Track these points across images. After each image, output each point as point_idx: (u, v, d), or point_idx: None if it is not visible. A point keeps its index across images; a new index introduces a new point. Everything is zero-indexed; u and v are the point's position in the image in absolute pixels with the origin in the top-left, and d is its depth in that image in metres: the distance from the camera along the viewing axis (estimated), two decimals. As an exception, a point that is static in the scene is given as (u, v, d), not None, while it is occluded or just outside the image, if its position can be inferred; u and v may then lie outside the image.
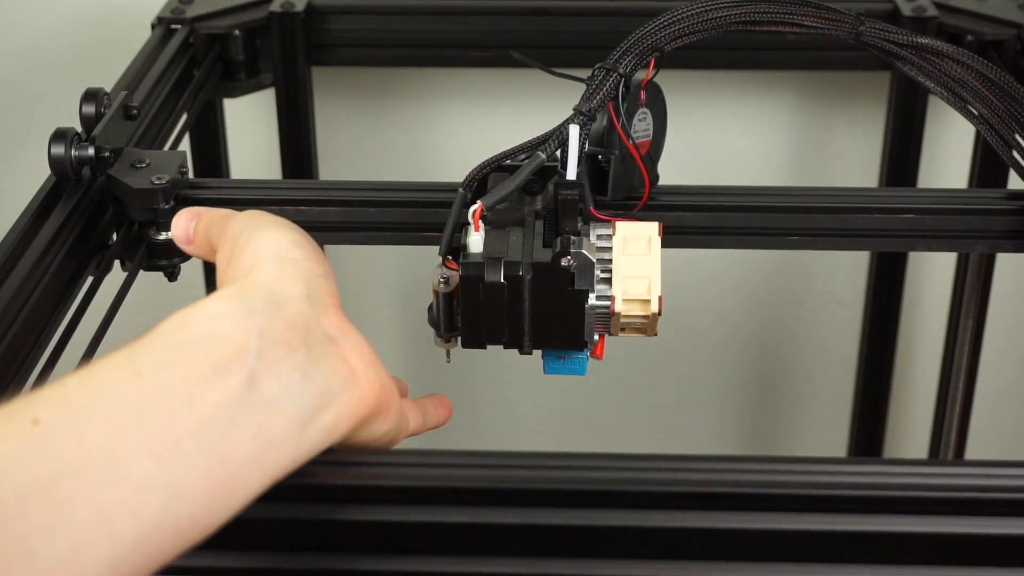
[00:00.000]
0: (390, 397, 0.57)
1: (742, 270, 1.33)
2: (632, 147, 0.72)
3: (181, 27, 1.05)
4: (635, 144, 0.73)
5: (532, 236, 0.66)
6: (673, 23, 0.72)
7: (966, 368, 1.14)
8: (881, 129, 1.21)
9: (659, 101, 0.75)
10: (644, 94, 0.73)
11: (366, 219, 0.78)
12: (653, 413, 1.41)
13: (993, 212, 0.78)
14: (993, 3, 1.10)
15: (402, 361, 1.38)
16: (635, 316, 0.66)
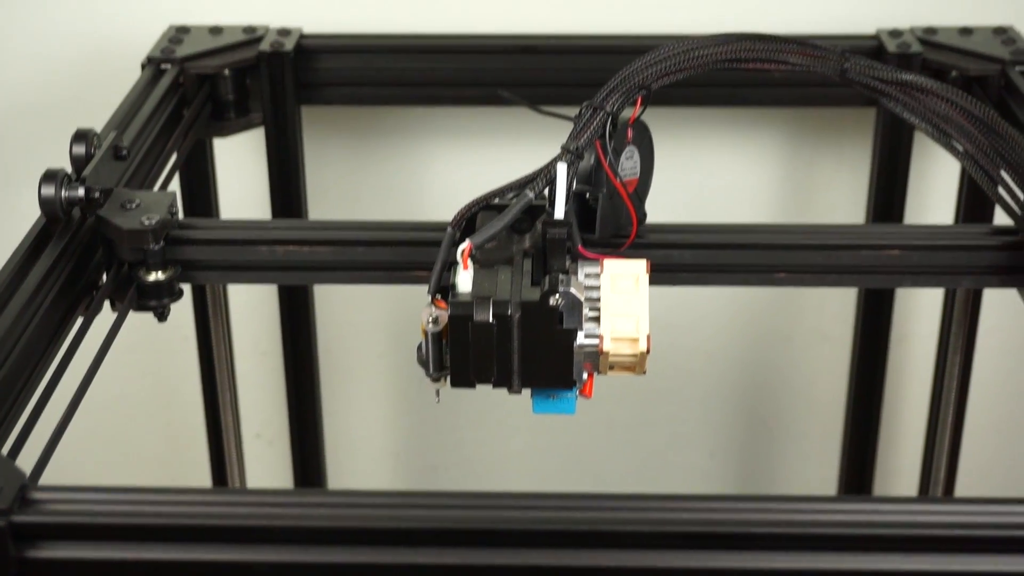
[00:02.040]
0: None
1: (730, 307, 1.33)
2: (620, 185, 0.72)
3: (171, 67, 1.06)
4: (622, 182, 0.73)
5: (520, 275, 0.66)
6: (659, 61, 0.73)
7: (954, 404, 1.14)
8: (867, 165, 1.22)
9: (646, 139, 0.75)
10: (631, 132, 0.73)
11: (355, 258, 0.78)
12: (643, 451, 1.41)
13: (979, 248, 0.78)
14: (977, 39, 1.11)
15: (391, 400, 1.38)
16: (623, 354, 0.66)
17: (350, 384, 1.37)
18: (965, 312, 1.11)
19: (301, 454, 1.30)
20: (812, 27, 1.16)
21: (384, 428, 1.40)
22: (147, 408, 1.38)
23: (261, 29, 1.13)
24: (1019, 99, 1.02)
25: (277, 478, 1.41)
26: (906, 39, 1.10)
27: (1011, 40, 1.10)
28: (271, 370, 1.35)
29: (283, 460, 1.39)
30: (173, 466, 1.41)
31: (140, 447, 1.40)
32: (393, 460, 1.41)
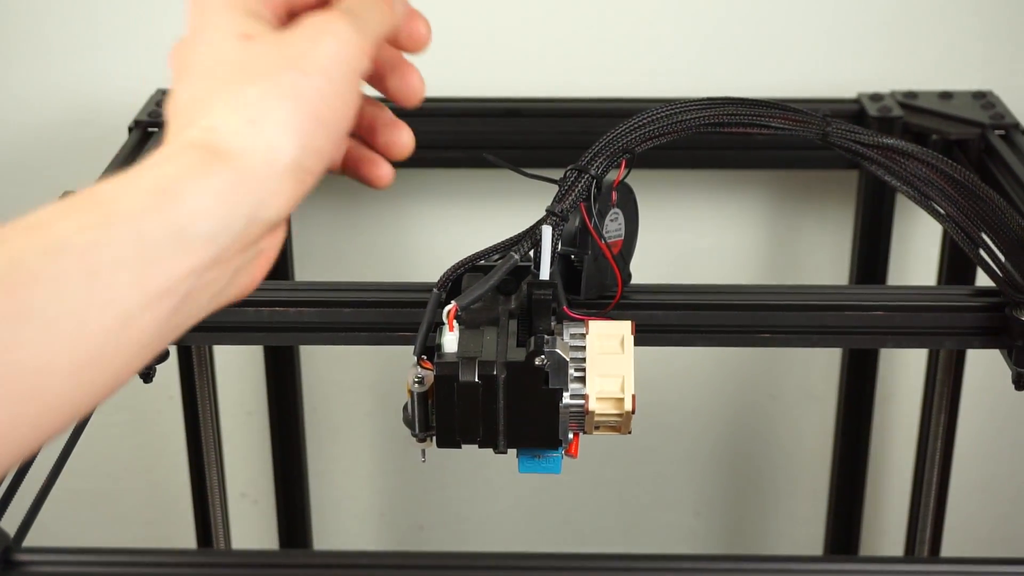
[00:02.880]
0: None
1: (715, 366, 1.33)
2: (604, 247, 0.73)
3: (158, 130, 1.06)
4: (607, 244, 0.74)
5: (506, 335, 0.67)
6: (643, 125, 0.74)
7: (939, 463, 1.14)
8: (850, 227, 1.23)
9: (631, 201, 0.76)
10: (616, 195, 0.74)
11: (341, 319, 0.79)
12: (629, 510, 1.40)
13: (962, 309, 0.79)
14: (957, 103, 1.12)
15: (377, 460, 1.38)
16: (609, 414, 0.66)
17: (336, 444, 1.37)
18: (949, 372, 1.11)
19: (287, 514, 1.30)
20: (794, 91, 1.18)
21: (370, 488, 1.39)
22: (132, 468, 1.37)
23: (249, 91, 1.14)
24: (999, 162, 1.03)
25: (262, 538, 1.40)
26: (887, 103, 1.12)
27: (990, 104, 1.11)
28: (257, 430, 1.35)
29: (268, 520, 1.38)
30: (158, 526, 1.40)
31: (125, 507, 1.40)
32: (379, 520, 1.41)
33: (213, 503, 1.20)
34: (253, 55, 0.50)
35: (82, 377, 0.44)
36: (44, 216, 0.45)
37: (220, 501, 1.20)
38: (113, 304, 0.44)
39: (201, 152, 0.48)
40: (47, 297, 0.43)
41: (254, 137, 0.48)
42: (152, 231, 0.45)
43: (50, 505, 0.76)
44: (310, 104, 0.49)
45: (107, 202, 0.46)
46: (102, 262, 0.44)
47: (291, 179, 0.49)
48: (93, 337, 0.44)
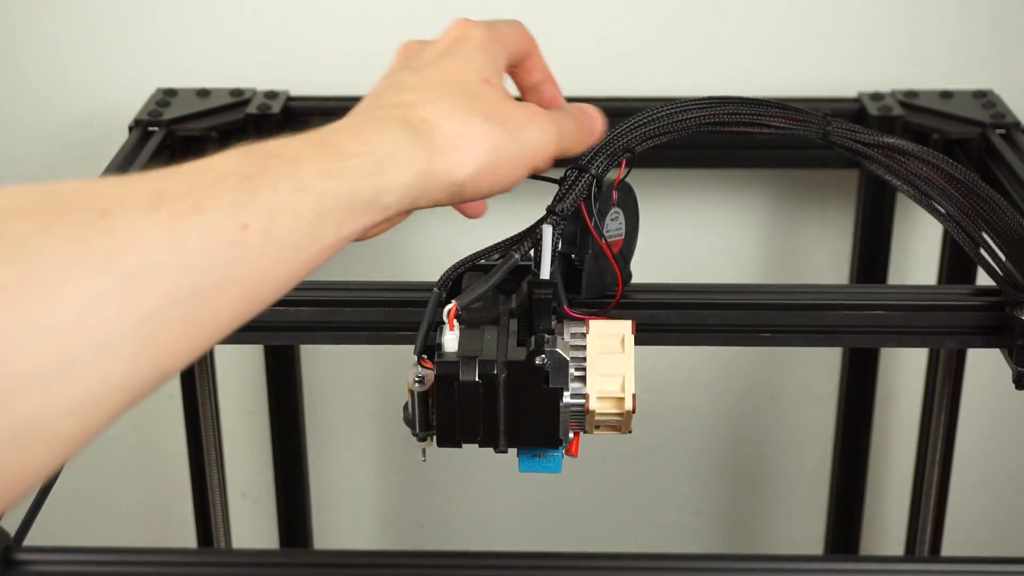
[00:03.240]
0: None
1: (716, 365, 1.33)
2: (605, 246, 0.73)
3: (158, 129, 1.06)
4: (608, 243, 0.74)
5: (506, 335, 0.67)
6: (644, 124, 0.73)
7: (940, 462, 1.14)
8: (851, 226, 1.23)
9: (631, 201, 0.76)
10: (616, 194, 0.74)
11: (341, 319, 0.79)
12: (629, 510, 1.40)
13: (962, 308, 0.79)
14: (957, 103, 1.12)
15: (377, 459, 1.38)
16: (609, 414, 0.66)
17: (336, 443, 1.37)
18: (949, 371, 1.11)
19: (287, 513, 1.30)
20: (794, 90, 1.18)
21: (370, 487, 1.39)
22: (132, 467, 1.37)
23: (248, 92, 1.14)
24: (999, 162, 1.03)
25: (263, 537, 1.40)
26: (887, 102, 1.12)
27: (991, 104, 1.11)
28: (257, 429, 1.35)
29: (269, 519, 1.38)
30: (158, 526, 1.40)
31: (125, 507, 1.40)
32: (379, 519, 1.41)
33: (213, 502, 1.20)
34: (485, 96, 0.63)
35: (279, 290, 0.52)
36: (295, 151, 0.53)
37: (220, 500, 1.20)
38: (319, 241, 0.52)
39: (412, 135, 0.58)
40: (287, 226, 0.50)
41: (455, 148, 0.60)
42: (360, 194, 0.54)
43: (51, 504, 0.76)
44: (498, 157, 0.61)
45: (343, 156, 0.54)
46: (325, 207, 0.52)
47: (447, 191, 0.60)
48: (299, 263, 0.52)
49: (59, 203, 0.44)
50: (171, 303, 0.45)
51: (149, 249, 0.45)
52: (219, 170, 0.49)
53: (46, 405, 0.41)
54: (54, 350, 0.41)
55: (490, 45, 0.66)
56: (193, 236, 0.46)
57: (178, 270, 0.45)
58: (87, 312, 0.42)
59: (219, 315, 0.48)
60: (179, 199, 0.47)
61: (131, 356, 0.44)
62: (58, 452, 0.43)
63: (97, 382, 0.43)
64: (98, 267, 0.43)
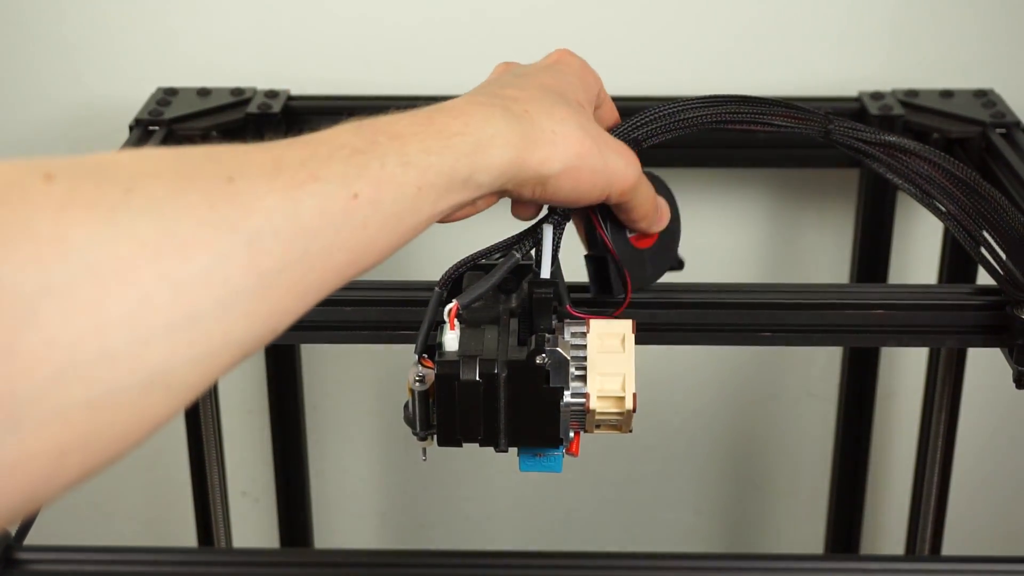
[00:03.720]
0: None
1: (716, 365, 1.33)
2: (607, 240, 0.73)
3: (159, 128, 1.06)
4: (625, 240, 0.73)
5: (507, 334, 0.67)
6: (647, 123, 0.73)
7: (940, 462, 1.14)
8: (851, 225, 1.23)
9: (662, 191, 0.75)
10: None
11: (342, 318, 0.79)
12: (629, 509, 1.41)
13: (963, 308, 0.79)
14: (958, 102, 1.12)
15: (378, 458, 1.38)
16: (610, 413, 0.66)
17: (337, 442, 1.37)
18: (950, 370, 1.11)
19: (287, 512, 1.30)
20: (795, 89, 1.18)
21: (371, 486, 1.39)
22: (133, 466, 1.37)
23: (249, 91, 1.14)
24: (1000, 161, 1.03)
25: (263, 537, 1.40)
26: (888, 102, 1.12)
27: (991, 103, 1.11)
28: (258, 428, 1.35)
29: (269, 519, 1.38)
30: (159, 525, 1.40)
31: (126, 506, 1.40)
32: (380, 518, 1.41)
33: (214, 501, 1.20)
34: (581, 111, 0.67)
35: (380, 257, 0.55)
36: (402, 128, 0.57)
37: (221, 499, 1.20)
38: (418, 214, 0.56)
39: (513, 122, 0.62)
40: (392, 197, 0.54)
41: (550, 143, 0.63)
42: (459, 171, 0.58)
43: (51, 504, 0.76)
44: (583, 164, 0.65)
45: (445, 134, 0.58)
46: (427, 181, 0.56)
47: (532, 183, 0.64)
48: (399, 233, 0.55)
49: (190, 168, 0.47)
50: (286, 265, 0.48)
51: (269, 214, 0.48)
52: (332, 143, 0.53)
53: (173, 356, 0.44)
54: (184, 305, 0.44)
55: (585, 76, 0.71)
56: (308, 203, 0.50)
57: (294, 234, 0.49)
58: (213, 270, 0.45)
59: (326, 277, 0.51)
60: (297, 168, 0.50)
61: (249, 313, 0.47)
62: (178, 401, 0.45)
63: (219, 336, 0.46)
64: (224, 229, 0.46)
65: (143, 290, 0.43)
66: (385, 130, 0.56)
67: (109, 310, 0.42)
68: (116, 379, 0.42)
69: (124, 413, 0.43)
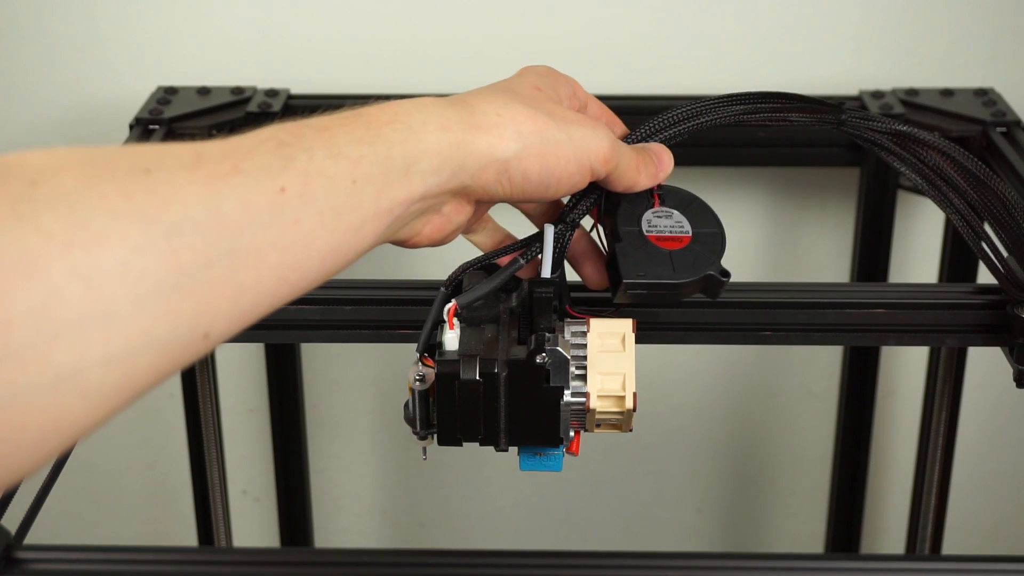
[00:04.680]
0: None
1: (716, 364, 1.33)
2: (600, 233, 0.72)
3: (159, 127, 1.06)
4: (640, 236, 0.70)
5: (507, 333, 0.67)
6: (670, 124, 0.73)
7: (940, 460, 1.14)
8: (851, 224, 1.23)
9: (684, 198, 0.73)
10: (659, 195, 0.72)
11: (342, 317, 0.79)
12: (630, 508, 1.41)
13: (963, 306, 0.79)
14: (958, 101, 1.12)
15: (378, 457, 1.38)
16: (610, 412, 0.66)
17: (337, 442, 1.37)
18: (950, 369, 1.11)
19: (288, 511, 1.30)
20: (796, 88, 1.17)
21: (371, 486, 1.39)
22: (133, 466, 1.37)
23: (249, 90, 1.14)
24: (1000, 160, 1.03)
25: (264, 536, 1.40)
26: (888, 100, 1.12)
27: (991, 102, 1.11)
28: (258, 428, 1.35)
29: (270, 517, 1.38)
30: (159, 524, 1.40)
31: (126, 505, 1.40)
32: (380, 518, 1.41)
33: (214, 501, 1.20)
34: (534, 95, 0.64)
35: (325, 262, 0.52)
36: (328, 121, 0.55)
37: (221, 499, 1.20)
38: (358, 210, 0.53)
39: (447, 108, 0.59)
40: (324, 191, 0.52)
41: (495, 125, 0.60)
42: (394, 159, 0.55)
43: (51, 503, 0.76)
44: (543, 139, 0.61)
45: (374, 124, 0.56)
46: (361, 172, 0.54)
47: (492, 169, 0.60)
48: (340, 232, 0.53)
49: (104, 160, 0.45)
50: (210, 261, 0.46)
51: (189, 206, 0.46)
52: (256, 138, 0.51)
53: (86, 353, 0.42)
54: (96, 299, 0.42)
55: (551, 77, 0.69)
56: (231, 196, 0.48)
57: (216, 228, 0.47)
58: (129, 264, 0.43)
59: (262, 280, 0.49)
60: (218, 161, 0.48)
61: (171, 311, 0.45)
62: (97, 404, 0.43)
63: (137, 334, 0.44)
64: (140, 221, 0.44)
65: (51, 284, 0.41)
66: (312, 124, 0.54)
67: (13, 305, 0.40)
68: (23, 378, 0.41)
69: (35, 415, 0.41)
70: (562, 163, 0.62)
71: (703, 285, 0.69)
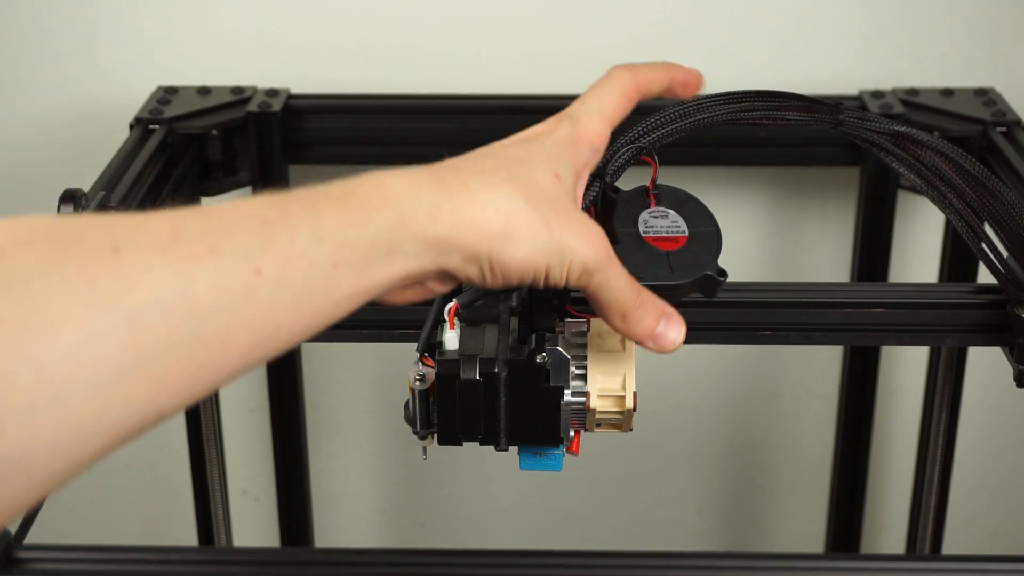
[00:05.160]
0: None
1: (717, 363, 1.33)
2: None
3: (159, 127, 1.06)
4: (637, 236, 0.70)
5: (507, 333, 0.67)
6: (665, 123, 0.73)
7: (941, 460, 1.14)
8: (851, 224, 1.23)
9: (679, 197, 0.73)
10: (655, 196, 0.72)
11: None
12: (630, 508, 1.41)
13: (963, 306, 0.79)
14: (958, 100, 1.12)
15: (378, 457, 1.38)
16: (610, 412, 0.66)
17: (337, 441, 1.37)
18: (950, 369, 1.11)
19: (288, 511, 1.30)
20: (796, 88, 1.17)
21: (371, 485, 1.39)
22: (133, 465, 1.37)
23: (249, 90, 1.14)
24: (1000, 160, 1.03)
25: (264, 535, 1.40)
26: (888, 100, 1.12)
27: (992, 101, 1.11)
28: (258, 427, 1.35)
29: (270, 517, 1.38)
30: (159, 523, 1.40)
31: (126, 504, 1.40)
32: (380, 517, 1.41)
33: (214, 500, 1.20)
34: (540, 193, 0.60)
35: (292, 339, 0.51)
36: (318, 199, 0.52)
37: (221, 498, 1.20)
38: (335, 292, 0.52)
39: (442, 194, 0.56)
40: (302, 274, 0.50)
41: (487, 223, 0.57)
42: (379, 245, 0.53)
43: (51, 502, 0.76)
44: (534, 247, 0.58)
45: (366, 207, 0.53)
46: (343, 257, 0.51)
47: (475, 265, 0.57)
48: (313, 312, 0.51)
49: (72, 236, 0.44)
50: (173, 344, 0.45)
51: (156, 288, 0.44)
52: (241, 212, 0.49)
53: (33, 438, 0.41)
54: (46, 385, 0.41)
55: (575, 145, 0.64)
56: (203, 278, 0.46)
57: (183, 312, 0.45)
58: (84, 349, 0.42)
59: (225, 359, 0.47)
60: (195, 239, 0.46)
61: (126, 395, 0.44)
62: (40, 486, 0.42)
63: (88, 419, 0.43)
64: (101, 305, 0.43)
65: (1, 369, 0.40)
66: (300, 200, 0.52)
67: None
68: None
69: None
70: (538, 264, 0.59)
71: (700, 285, 0.69)
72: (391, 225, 0.54)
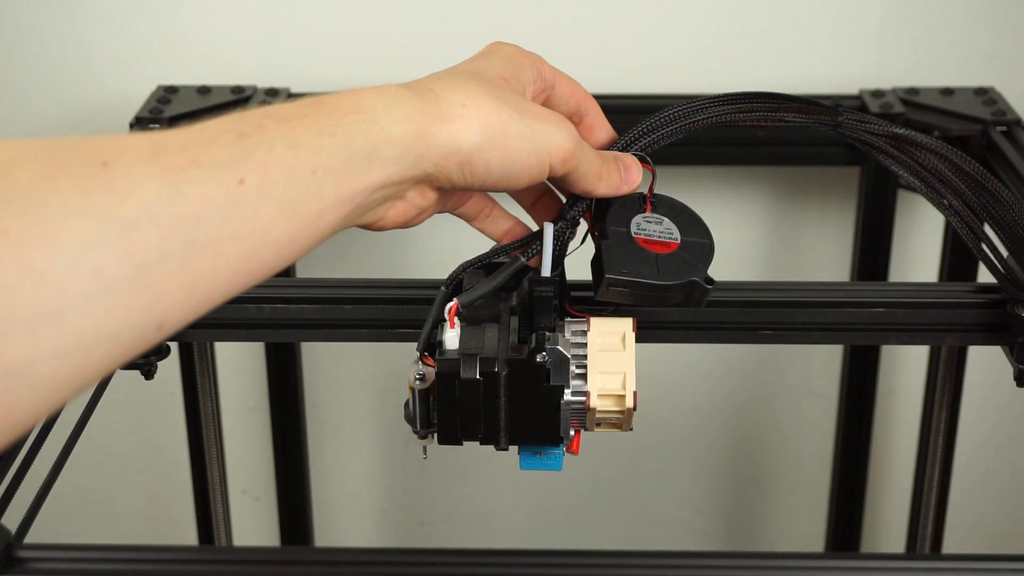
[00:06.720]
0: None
1: (717, 363, 1.33)
2: (592, 230, 0.72)
3: (159, 126, 1.06)
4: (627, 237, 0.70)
5: (507, 332, 0.67)
6: (663, 124, 0.73)
7: (941, 459, 1.14)
8: (852, 223, 1.23)
9: (676, 207, 0.73)
10: (651, 201, 0.72)
11: (342, 316, 0.79)
12: (630, 507, 1.41)
13: (963, 306, 0.79)
14: (958, 100, 1.12)
15: (378, 456, 1.38)
16: (610, 411, 0.66)
17: (337, 440, 1.37)
18: (950, 368, 1.11)
19: (288, 510, 1.30)
20: (796, 87, 1.18)
21: (371, 484, 1.39)
22: (133, 465, 1.37)
23: (249, 89, 1.14)
24: (1000, 159, 1.03)
25: (264, 535, 1.41)
26: (888, 99, 1.12)
27: (992, 101, 1.11)
28: (258, 426, 1.35)
29: (270, 516, 1.38)
30: (159, 523, 1.40)
31: (126, 504, 1.40)
32: (380, 516, 1.41)
33: (214, 500, 1.20)
34: (499, 86, 0.63)
35: (282, 250, 0.52)
36: (290, 111, 0.54)
37: (221, 498, 1.20)
38: (318, 199, 0.53)
39: (411, 97, 0.59)
40: (283, 182, 0.51)
41: (459, 116, 0.59)
42: (356, 149, 0.55)
43: (52, 502, 0.76)
44: (507, 132, 0.61)
45: (336, 114, 0.55)
46: (322, 163, 0.53)
47: (455, 159, 0.60)
48: (299, 222, 0.52)
49: (61, 154, 0.45)
50: (166, 254, 0.46)
51: (145, 200, 0.46)
52: (216, 128, 0.51)
53: (36, 348, 0.42)
54: (49, 296, 0.43)
55: (518, 58, 0.68)
56: (189, 189, 0.48)
57: (173, 222, 0.47)
58: (82, 260, 0.44)
59: (218, 270, 0.49)
60: (177, 153, 0.48)
61: (124, 305, 0.45)
62: (46, 397, 0.44)
63: (89, 329, 0.44)
64: (94, 216, 0.44)
65: (5, 281, 0.41)
66: (273, 113, 0.54)
67: None
68: None
69: None
70: (523, 157, 0.62)
71: (687, 292, 0.69)
72: (365, 128, 0.56)
